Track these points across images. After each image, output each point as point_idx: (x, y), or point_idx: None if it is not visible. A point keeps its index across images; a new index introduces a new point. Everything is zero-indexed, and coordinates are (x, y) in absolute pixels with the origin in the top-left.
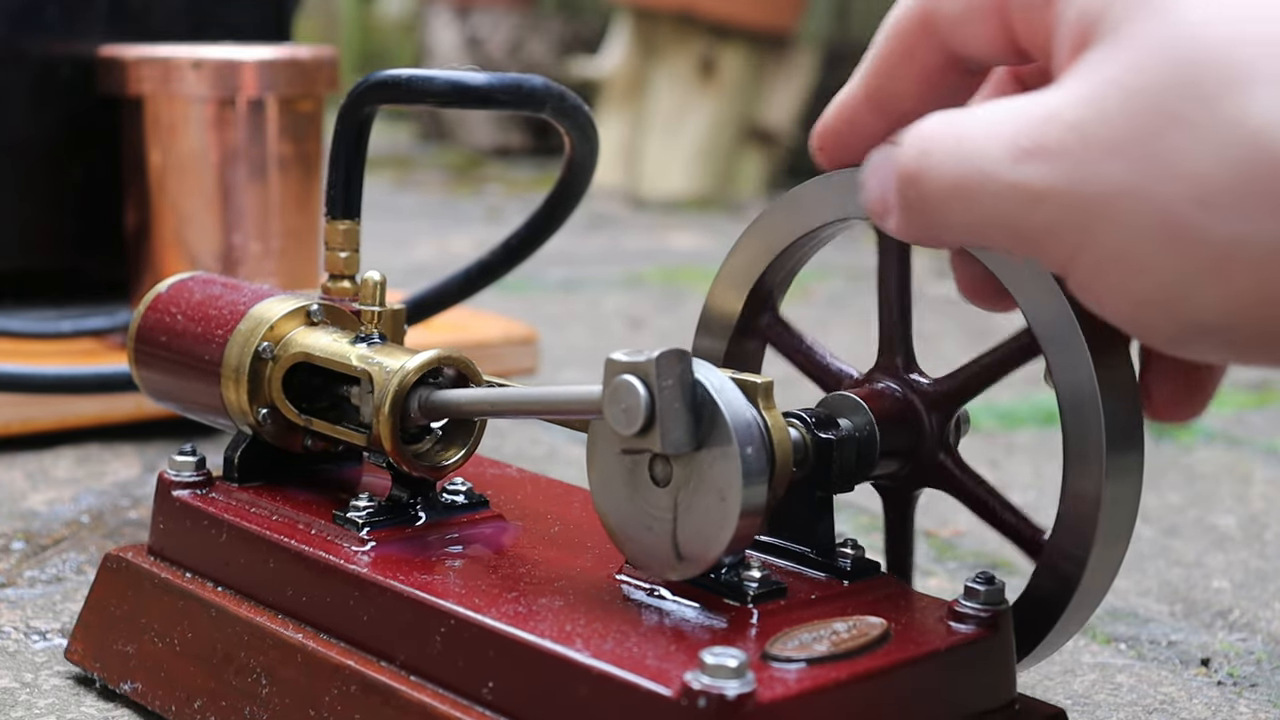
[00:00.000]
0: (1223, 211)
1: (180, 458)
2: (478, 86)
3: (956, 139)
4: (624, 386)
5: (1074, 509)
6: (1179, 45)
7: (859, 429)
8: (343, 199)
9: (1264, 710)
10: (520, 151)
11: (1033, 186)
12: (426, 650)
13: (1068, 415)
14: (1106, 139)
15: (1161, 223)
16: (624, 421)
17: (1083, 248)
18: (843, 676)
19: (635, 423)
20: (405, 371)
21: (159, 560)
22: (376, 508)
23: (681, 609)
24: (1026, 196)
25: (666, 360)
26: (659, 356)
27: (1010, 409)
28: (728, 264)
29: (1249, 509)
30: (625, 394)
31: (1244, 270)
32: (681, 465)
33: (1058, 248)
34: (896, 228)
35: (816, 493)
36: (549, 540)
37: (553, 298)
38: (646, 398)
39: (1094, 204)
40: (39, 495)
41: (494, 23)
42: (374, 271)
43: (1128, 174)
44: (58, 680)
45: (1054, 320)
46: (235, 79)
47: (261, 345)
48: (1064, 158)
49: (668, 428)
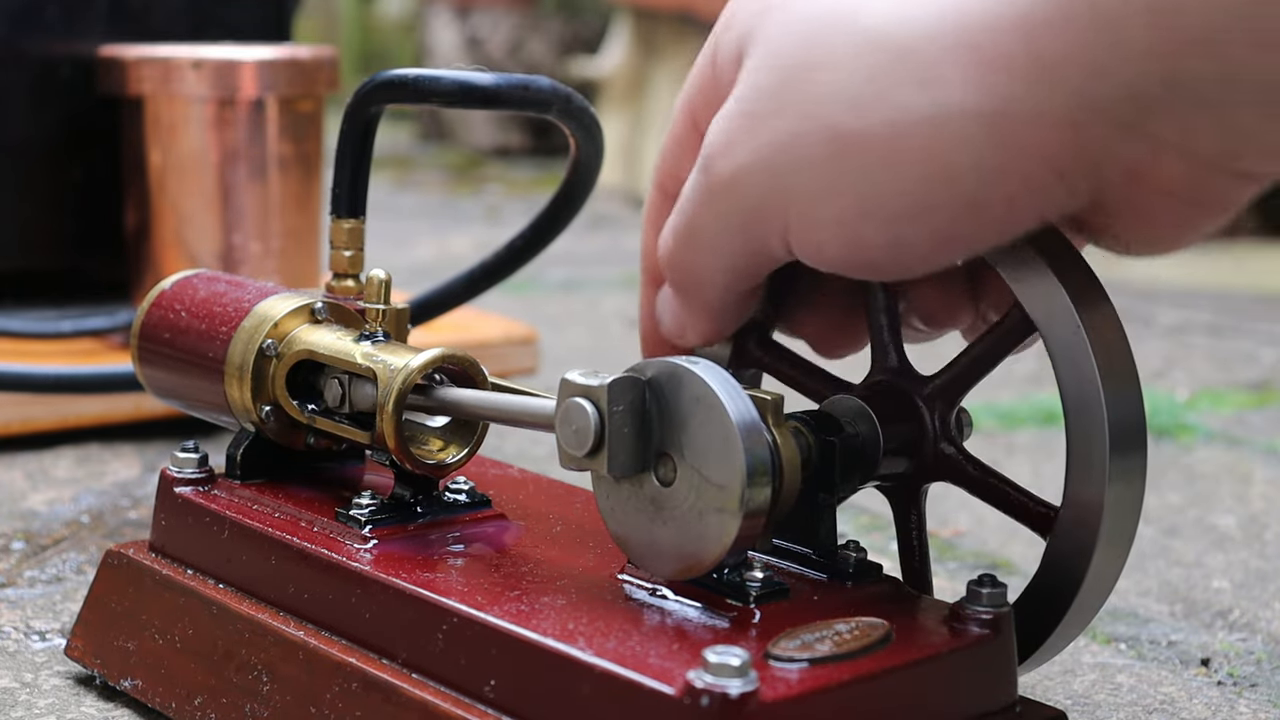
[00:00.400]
0: (866, 111)
1: (183, 454)
2: (484, 87)
3: (679, 208)
4: (575, 409)
5: (1076, 512)
6: (795, 23)
7: (861, 429)
8: (348, 198)
9: (1264, 710)
10: (520, 151)
11: (730, 177)
12: (428, 648)
13: (1071, 418)
14: (767, 107)
15: (831, 146)
16: (574, 443)
17: (789, 206)
18: (845, 677)
19: (584, 445)
20: (409, 370)
21: (160, 557)
22: (379, 506)
23: (684, 608)
24: (731, 191)
25: (619, 386)
26: (611, 383)
27: (1010, 409)
28: None
29: (1249, 509)
30: (576, 416)
31: (913, 143)
32: (685, 465)
33: (774, 220)
34: (689, 326)
35: (819, 494)
36: (551, 540)
37: (553, 298)
38: (596, 422)
39: (779, 162)
40: (39, 495)
41: (494, 23)
42: (380, 270)
43: (791, 121)
44: (58, 680)
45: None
46: (235, 79)
47: (265, 343)
48: (743, 139)
49: (614, 452)
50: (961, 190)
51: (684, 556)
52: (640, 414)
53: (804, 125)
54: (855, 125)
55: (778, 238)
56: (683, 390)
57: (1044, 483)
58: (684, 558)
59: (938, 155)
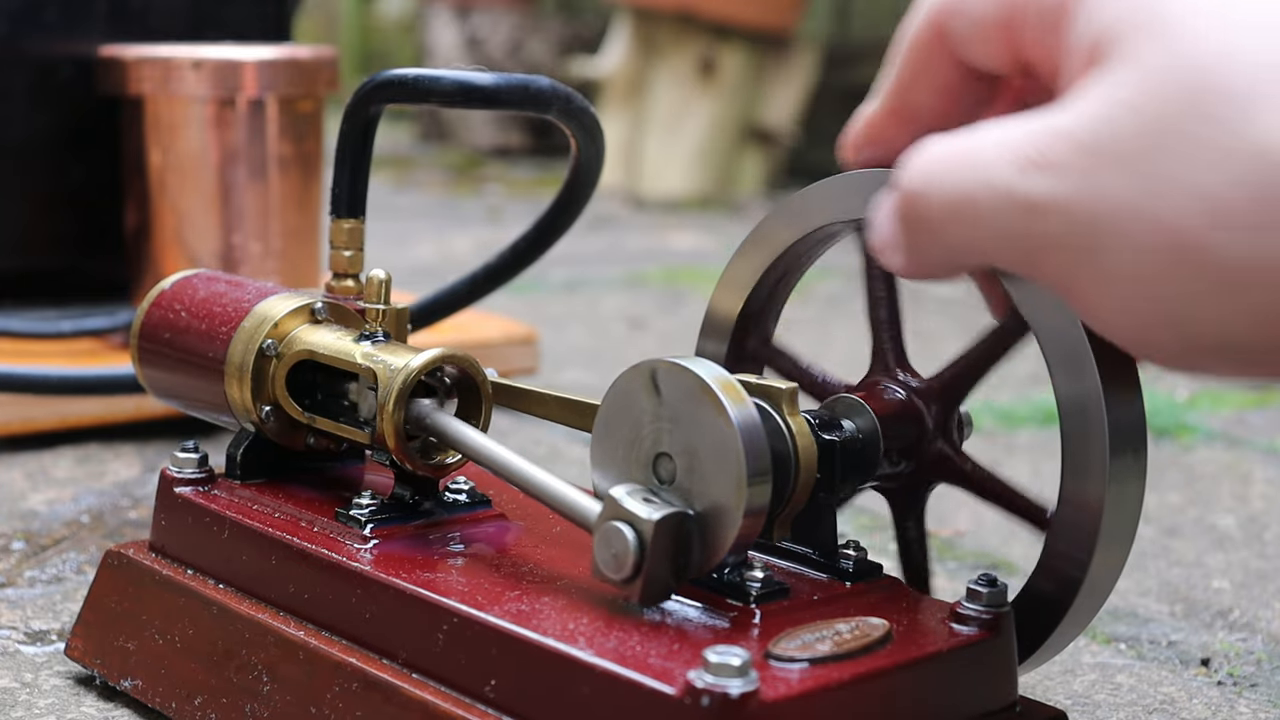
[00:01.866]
0: (1236, 231)
1: (183, 454)
2: (484, 87)
3: (960, 156)
4: (616, 535)
5: (1075, 512)
6: (1189, 67)
7: (861, 429)
8: (348, 198)
9: (1264, 710)
10: (520, 151)
11: (1037, 198)
12: (429, 648)
13: (1069, 419)
14: (1115, 156)
15: (1171, 242)
16: (611, 565)
17: (1085, 264)
18: (845, 677)
19: (622, 571)
20: (409, 370)
21: (160, 557)
22: (379, 506)
23: (684, 609)
24: (1030, 208)
25: (666, 524)
26: (659, 520)
27: (1010, 409)
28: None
29: (1249, 509)
30: (617, 542)
31: (1256, 289)
32: (686, 465)
33: (1060, 262)
34: (899, 261)
35: (819, 494)
36: (551, 540)
37: (554, 298)
38: (637, 554)
39: (1100, 219)
40: (39, 495)
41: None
42: (379, 270)
43: (1136, 192)
44: (58, 680)
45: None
46: (235, 79)
47: (265, 342)
48: (1071, 172)
49: (649, 588)
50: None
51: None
52: (681, 545)
53: (1154, 207)
54: (1212, 240)
55: (1055, 275)
56: (683, 390)
57: (1044, 482)
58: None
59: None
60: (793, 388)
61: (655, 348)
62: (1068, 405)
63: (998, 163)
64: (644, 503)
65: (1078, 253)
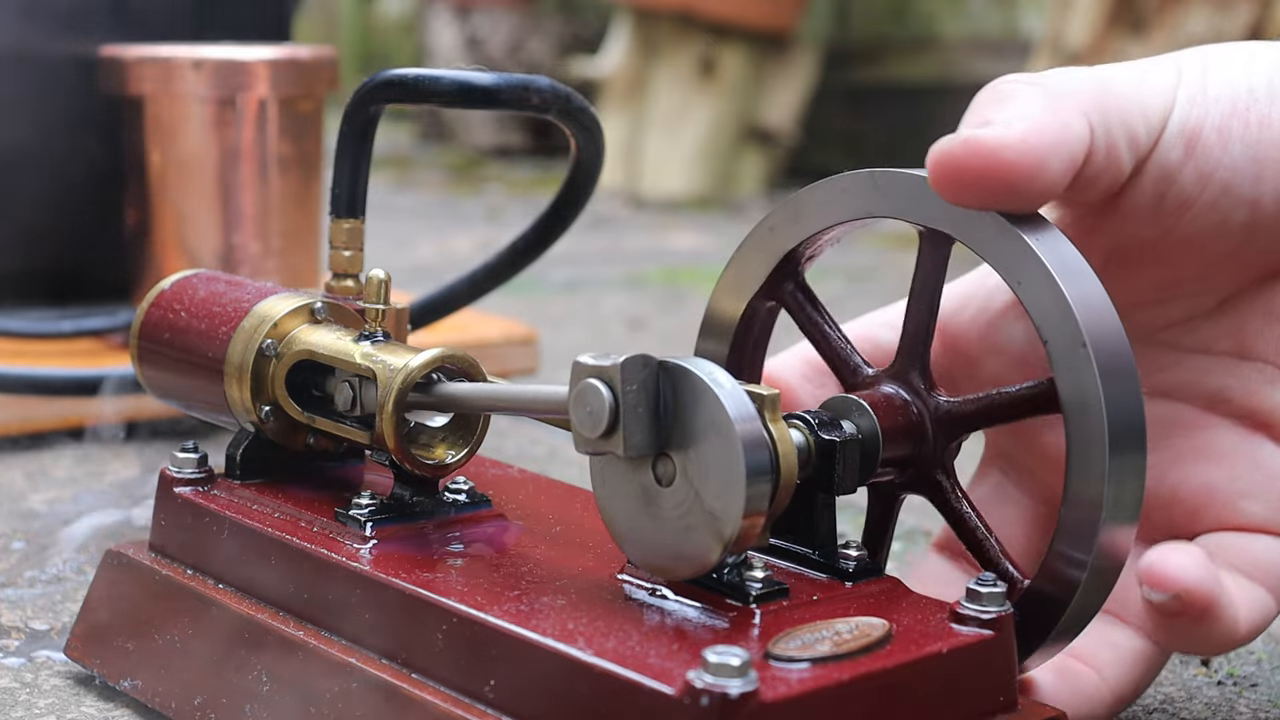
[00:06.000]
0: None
1: (182, 454)
2: (484, 87)
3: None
4: (589, 390)
5: (1076, 512)
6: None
7: (862, 431)
8: (347, 198)
9: (1264, 710)
10: (520, 151)
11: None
12: (428, 648)
13: (1070, 419)
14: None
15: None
16: (589, 424)
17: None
18: (845, 677)
19: (599, 426)
20: (409, 369)
21: (160, 557)
22: (379, 506)
23: (684, 609)
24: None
25: (631, 365)
26: (624, 361)
27: None
28: (729, 271)
29: None
30: (590, 397)
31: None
32: (684, 464)
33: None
34: (1011, 124)
35: (819, 494)
36: (551, 540)
37: (554, 298)
38: (611, 402)
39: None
40: (39, 495)
41: (494, 23)
42: (379, 269)
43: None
44: (58, 680)
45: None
46: (236, 79)
47: (265, 342)
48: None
49: (630, 432)
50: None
51: (684, 556)
52: (654, 393)
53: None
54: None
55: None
56: (683, 391)
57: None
58: (684, 557)
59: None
60: (775, 394)
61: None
62: (1068, 405)
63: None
64: (607, 356)
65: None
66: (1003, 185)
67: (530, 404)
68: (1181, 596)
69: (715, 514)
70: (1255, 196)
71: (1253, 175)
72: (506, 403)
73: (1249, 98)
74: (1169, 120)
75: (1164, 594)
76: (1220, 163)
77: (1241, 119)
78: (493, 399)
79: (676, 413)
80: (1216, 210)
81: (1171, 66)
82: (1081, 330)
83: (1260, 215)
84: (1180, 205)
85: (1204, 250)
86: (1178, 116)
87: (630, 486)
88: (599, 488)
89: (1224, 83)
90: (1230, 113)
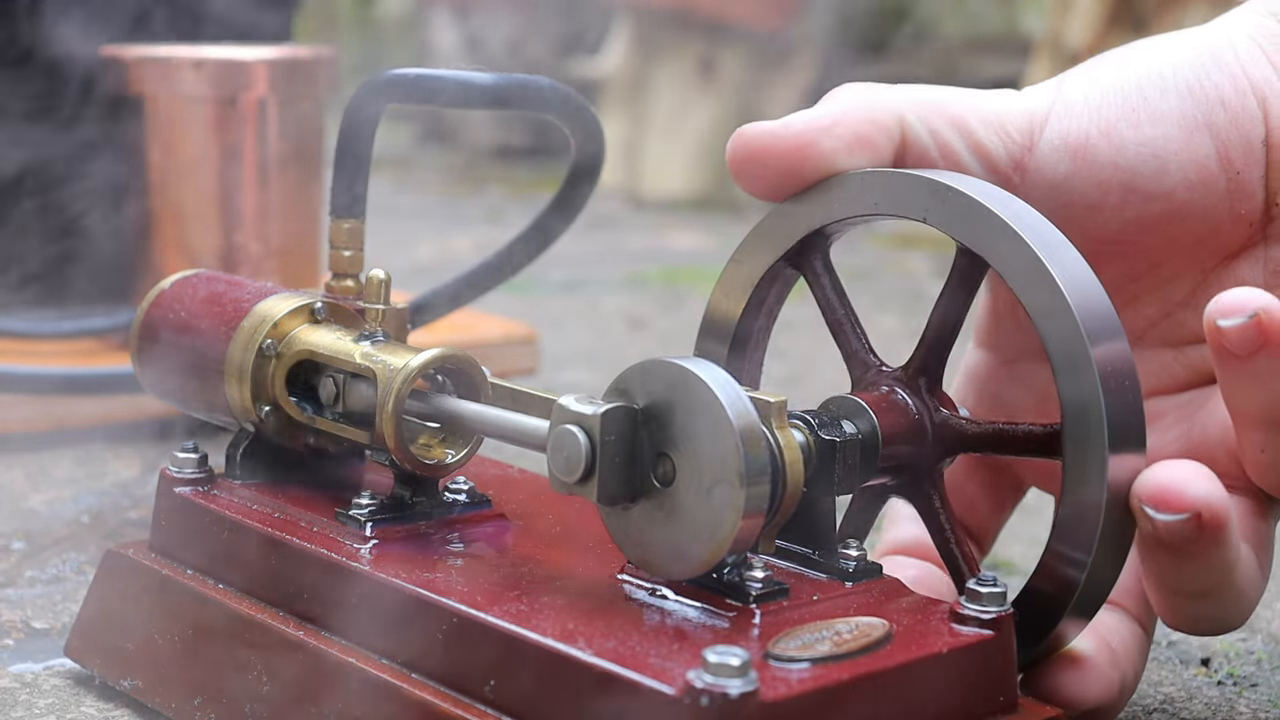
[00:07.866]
0: None
1: (182, 454)
2: (485, 86)
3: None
4: (567, 436)
5: (1075, 512)
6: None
7: (862, 432)
8: (347, 198)
9: (1264, 710)
10: (520, 151)
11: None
12: (428, 648)
13: (1070, 419)
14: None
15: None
16: (564, 469)
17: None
18: (845, 677)
19: (574, 473)
20: (409, 370)
21: (160, 557)
22: (379, 505)
23: (684, 608)
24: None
25: (612, 416)
26: (605, 412)
27: None
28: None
29: None
30: (567, 443)
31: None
32: (685, 464)
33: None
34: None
35: (819, 494)
36: (550, 540)
37: (554, 297)
38: (588, 450)
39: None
40: (39, 495)
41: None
42: (379, 269)
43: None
44: (58, 680)
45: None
46: (236, 79)
47: (265, 342)
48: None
49: (605, 482)
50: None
51: (684, 556)
52: (632, 442)
53: None
54: None
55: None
56: (682, 391)
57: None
58: (684, 557)
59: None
60: (781, 400)
61: (655, 348)
62: (1068, 405)
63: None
64: (589, 403)
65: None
66: (773, 166)
67: (514, 434)
68: (1201, 513)
69: (714, 514)
70: (1165, 190)
71: (1155, 171)
72: (493, 429)
73: (1138, 97)
74: (1044, 133)
75: (1176, 514)
76: (1116, 165)
77: (1131, 120)
78: (480, 422)
79: (675, 413)
80: (1129, 208)
81: (1054, 83)
82: (1082, 330)
83: (1178, 206)
84: (1090, 210)
85: (1142, 245)
86: (1055, 129)
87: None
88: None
89: (1110, 88)
90: (1118, 116)
